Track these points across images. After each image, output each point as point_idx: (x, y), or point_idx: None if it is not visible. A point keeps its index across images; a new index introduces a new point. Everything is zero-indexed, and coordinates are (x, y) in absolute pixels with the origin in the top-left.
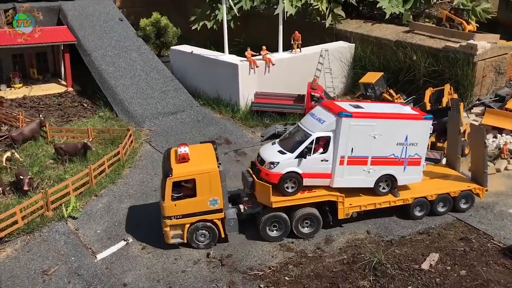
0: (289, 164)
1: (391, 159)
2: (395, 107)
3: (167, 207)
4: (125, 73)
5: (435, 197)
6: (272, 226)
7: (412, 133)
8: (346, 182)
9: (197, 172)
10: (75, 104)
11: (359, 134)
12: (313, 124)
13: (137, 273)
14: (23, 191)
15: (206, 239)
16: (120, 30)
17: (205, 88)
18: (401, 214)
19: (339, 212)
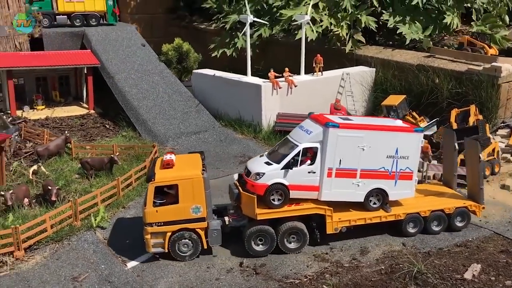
0: (275, 175)
1: (381, 173)
2: (385, 121)
3: (148, 213)
4: (148, 95)
5: (428, 213)
6: (257, 239)
7: (402, 146)
8: (335, 195)
9: (180, 177)
10: (97, 125)
11: (346, 146)
12: (300, 135)
13: (170, 281)
14: (51, 201)
15: (189, 249)
16: (142, 54)
17: (226, 110)
18: (393, 230)
19: (328, 226)
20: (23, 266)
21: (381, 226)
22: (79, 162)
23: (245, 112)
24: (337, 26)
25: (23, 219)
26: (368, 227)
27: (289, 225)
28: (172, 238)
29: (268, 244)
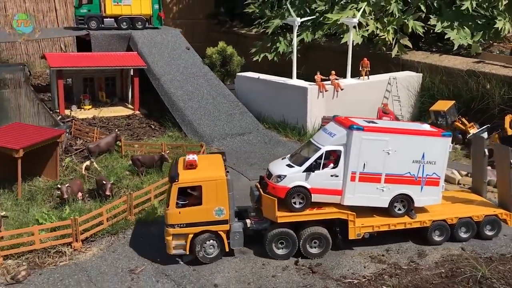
0: (296, 178)
1: (407, 178)
2: (412, 125)
3: (171, 214)
4: (193, 96)
5: (456, 220)
6: (279, 243)
7: (429, 151)
8: (358, 200)
9: (204, 179)
10: (143, 125)
11: (371, 149)
12: (324, 138)
13: (226, 276)
14: (105, 196)
15: (215, 250)
16: (187, 57)
17: (270, 112)
18: (417, 238)
19: (350, 231)
20: (81, 257)
21: (405, 233)
22: (130, 159)
23: (290, 115)
24: (383, 31)
25: (79, 212)
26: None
27: (312, 230)
28: (198, 240)
29: (289, 248)
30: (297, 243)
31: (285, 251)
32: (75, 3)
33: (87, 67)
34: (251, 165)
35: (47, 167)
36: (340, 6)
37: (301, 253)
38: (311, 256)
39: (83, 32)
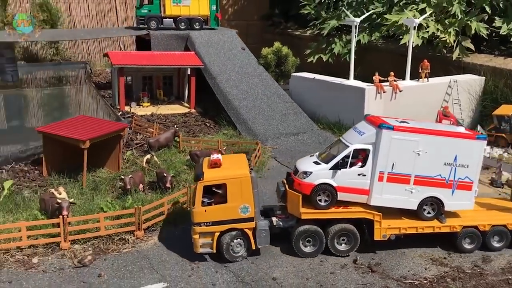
0: (322, 175)
1: (438, 180)
2: (446, 126)
3: (197, 212)
4: (248, 96)
5: (488, 228)
6: (306, 240)
7: (462, 154)
8: (385, 201)
9: (229, 177)
10: (198, 123)
11: (401, 149)
12: (353, 136)
13: (285, 270)
14: (165, 188)
15: (242, 248)
16: (242, 57)
17: (325, 113)
18: (446, 244)
19: (376, 232)
20: (143, 245)
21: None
22: (188, 154)
23: (346, 116)
24: (445, 33)
25: (141, 202)
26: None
27: (339, 226)
28: (226, 238)
29: (317, 245)
30: (325, 240)
31: (312, 249)
32: (136, 4)
33: (147, 66)
34: None
35: (110, 159)
36: (399, 7)
37: (329, 250)
38: (339, 253)
39: (143, 32)
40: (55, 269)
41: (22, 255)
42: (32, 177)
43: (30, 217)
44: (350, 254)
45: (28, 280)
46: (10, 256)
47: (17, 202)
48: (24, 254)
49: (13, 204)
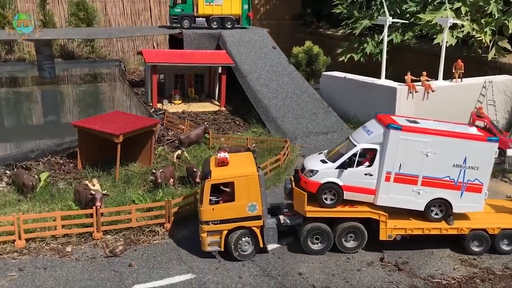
0: (328, 174)
1: (446, 182)
2: (458, 127)
3: (204, 211)
4: (277, 94)
5: (497, 231)
6: (314, 238)
7: (472, 155)
8: (392, 201)
9: (236, 175)
10: (228, 121)
11: (408, 150)
12: (361, 135)
13: (311, 266)
14: (195, 182)
15: (250, 247)
16: (273, 56)
17: (355, 112)
18: (455, 246)
19: (381, 232)
20: (172, 237)
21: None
22: (218, 150)
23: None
24: (480, 32)
25: (171, 196)
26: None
27: (347, 224)
28: (234, 237)
29: (325, 242)
30: (333, 238)
31: (320, 246)
32: (170, 3)
33: (179, 64)
34: None
35: (142, 154)
36: (433, 6)
37: (337, 247)
38: (347, 251)
39: (176, 31)
40: (88, 258)
41: (57, 243)
42: (67, 170)
43: (65, 208)
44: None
45: (62, 267)
46: (46, 244)
47: (53, 193)
48: (59, 242)
49: (49, 195)
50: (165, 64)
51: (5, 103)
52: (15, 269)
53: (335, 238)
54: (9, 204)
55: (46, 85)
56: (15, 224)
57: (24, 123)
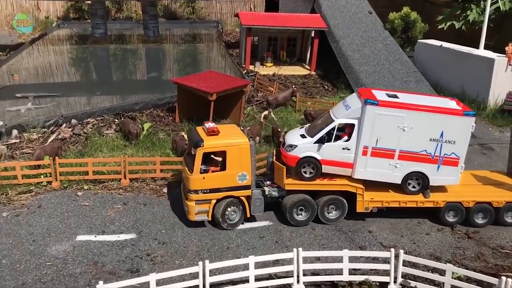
0: (307, 149)
1: (423, 156)
2: (438, 101)
3: (195, 179)
4: (369, 60)
5: (472, 204)
6: (299, 209)
7: (449, 130)
8: (369, 174)
9: (229, 144)
10: (317, 85)
11: (385, 125)
12: (340, 110)
13: (381, 226)
14: (278, 141)
15: (237, 216)
16: (368, 21)
17: (448, 83)
18: (433, 218)
19: (358, 205)
20: None
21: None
22: (303, 113)
23: (470, 87)
24: None
25: None
26: None
27: (329, 196)
28: (222, 206)
29: (309, 213)
30: (316, 208)
31: (305, 217)
32: None
33: (273, 27)
34: None
35: (232, 112)
36: None
37: (319, 218)
38: (328, 222)
39: None
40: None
41: (155, 184)
42: (166, 122)
43: (163, 155)
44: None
45: (159, 205)
46: (146, 185)
47: (153, 141)
48: (157, 184)
49: (150, 143)
50: (260, 27)
51: (113, 58)
52: (120, 203)
53: (318, 210)
54: (117, 148)
55: (150, 43)
56: (121, 165)
57: (129, 77)
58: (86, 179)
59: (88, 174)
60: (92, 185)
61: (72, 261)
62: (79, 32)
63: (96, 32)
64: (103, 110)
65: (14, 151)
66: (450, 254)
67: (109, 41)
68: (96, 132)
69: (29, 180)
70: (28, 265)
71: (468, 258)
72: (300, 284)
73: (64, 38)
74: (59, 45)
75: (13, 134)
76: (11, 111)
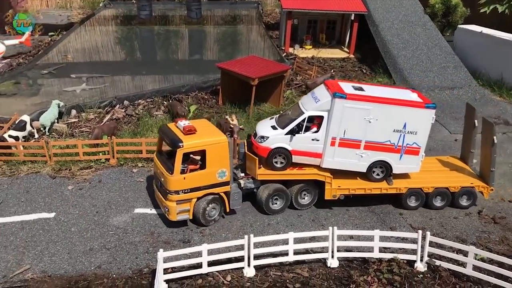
0: (278, 140)
1: (387, 146)
2: (400, 93)
3: (175, 180)
4: (408, 45)
5: (432, 190)
6: (274, 199)
7: (411, 121)
8: (336, 163)
9: (208, 143)
10: (355, 69)
11: (352, 117)
12: (309, 102)
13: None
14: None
15: (217, 212)
16: (408, 5)
17: (487, 69)
18: (396, 203)
19: (326, 192)
20: None
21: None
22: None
23: (510, 75)
24: None
25: None
26: None
27: (301, 184)
28: (202, 204)
29: (283, 202)
30: (290, 197)
31: (279, 205)
32: None
33: (314, 10)
34: (456, 119)
35: (272, 96)
36: None
37: (293, 205)
38: (302, 207)
39: None
40: None
41: None
42: (210, 105)
43: None
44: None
45: None
46: None
47: None
48: None
49: None
50: (300, 11)
51: (158, 40)
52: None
53: (292, 197)
54: None
55: (192, 24)
56: None
57: (174, 59)
58: (140, 157)
59: (142, 153)
60: (145, 163)
61: (132, 231)
62: (124, 12)
63: (142, 13)
64: (152, 92)
65: (73, 129)
66: (476, 238)
67: (153, 22)
68: (147, 113)
69: (89, 157)
70: (94, 233)
71: (493, 241)
72: (334, 259)
73: (110, 18)
74: (106, 25)
75: (72, 113)
76: (68, 91)
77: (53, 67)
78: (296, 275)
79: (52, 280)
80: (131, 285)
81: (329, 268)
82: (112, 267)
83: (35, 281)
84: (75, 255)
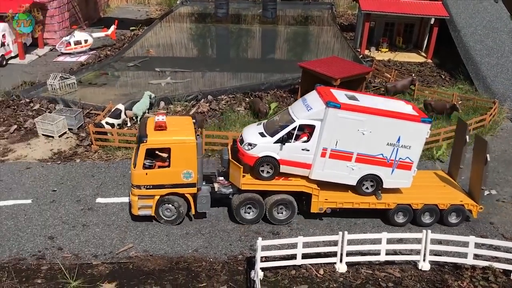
0: (266, 148)
1: (379, 159)
2: (396, 104)
3: (137, 175)
4: (492, 52)
5: (420, 206)
6: (247, 208)
7: (405, 135)
8: (326, 175)
9: (173, 141)
10: (433, 74)
11: (346, 128)
12: (300, 110)
13: (503, 219)
14: None
15: (172, 214)
16: (493, 11)
17: None
18: (384, 219)
19: (313, 205)
20: None
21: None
22: (423, 102)
23: None
24: None
25: None
26: None
27: (278, 196)
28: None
29: (257, 212)
30: (264, 207)
31: (253, 215)
32: None
33: (392, 13)
34: None
35: None
36: None
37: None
38: (277, 222)
39: None
40: None
41: None
42: (289, 103)
43: None
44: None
45: None
46: None
47: None
48: None
49: None
50: (379, 13)
51: (234, 38)
52: None
53: (266, 209)
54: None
55: (267, 24)
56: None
57: (250, 57)
58: None
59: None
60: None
61: (224, 219)
62: (200, 10)
63: (219, 12)
64: (233, 89)
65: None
66: None
67: (229, 20)
68: (229, 108)
69: None
70: (188, 220)
71: None
72: (426, 262)
73: (187, 16)
74: (183, 22)
75: (161, 105)
76: (153, 84)
77: (138, 60)
78: (388, 274)
79: (155, 259)
80: (228, 269)
81: (421, 270)
82: (208, 251)
83: (139, 258)
84: (173, 238)
